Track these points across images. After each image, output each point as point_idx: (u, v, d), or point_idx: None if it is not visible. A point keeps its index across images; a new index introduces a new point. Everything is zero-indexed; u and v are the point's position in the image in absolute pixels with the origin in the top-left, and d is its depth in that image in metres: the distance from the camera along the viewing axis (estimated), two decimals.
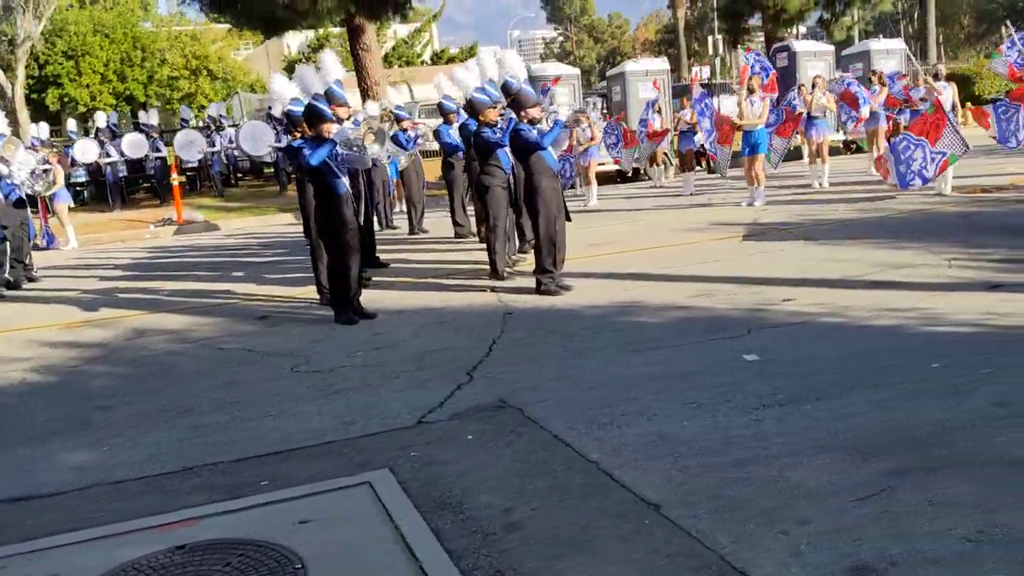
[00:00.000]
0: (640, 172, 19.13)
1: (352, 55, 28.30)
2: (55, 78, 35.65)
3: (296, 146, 7.19)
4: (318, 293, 8.17)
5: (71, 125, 26.45)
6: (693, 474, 3.84)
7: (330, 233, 7.24)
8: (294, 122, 8.12)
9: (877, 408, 4.42)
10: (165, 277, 10.90)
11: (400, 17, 27.73)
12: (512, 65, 8.31)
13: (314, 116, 7.13)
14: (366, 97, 23.80)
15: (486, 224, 8.60)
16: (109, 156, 23.61)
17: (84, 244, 17.45)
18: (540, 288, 7.74)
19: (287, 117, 8.49)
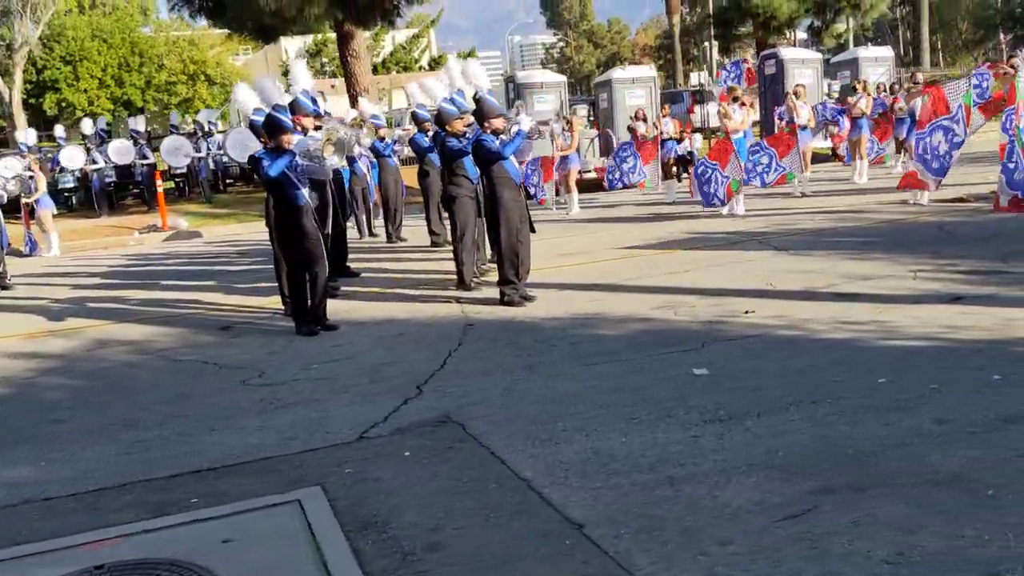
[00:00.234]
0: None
1: (341, 61, 28.34)
2: (53, 83, 35.69)
3: (257, 156, 7.16)
4: (283, 303, 8.14)
5: (59, 131, 26.43)
6: (623, 492, 3.81)
7: (290, 244, 7.20)
8: (258, 132, 8.10)
9: (816, 424, 4.39)
10: (137, 286, 10.87)
11: (388, 24, 27.77)
12: (475, 75, 8.28)
13: (273, 127, 7.10)
14: (355, 103, 23.81)
15: (453, 234, 8.57)
16: (95, 162, 23.59)
17: (68, 251, 17.41)
18: (503, 299, 7.70)
19: (251, 127, 8.47)
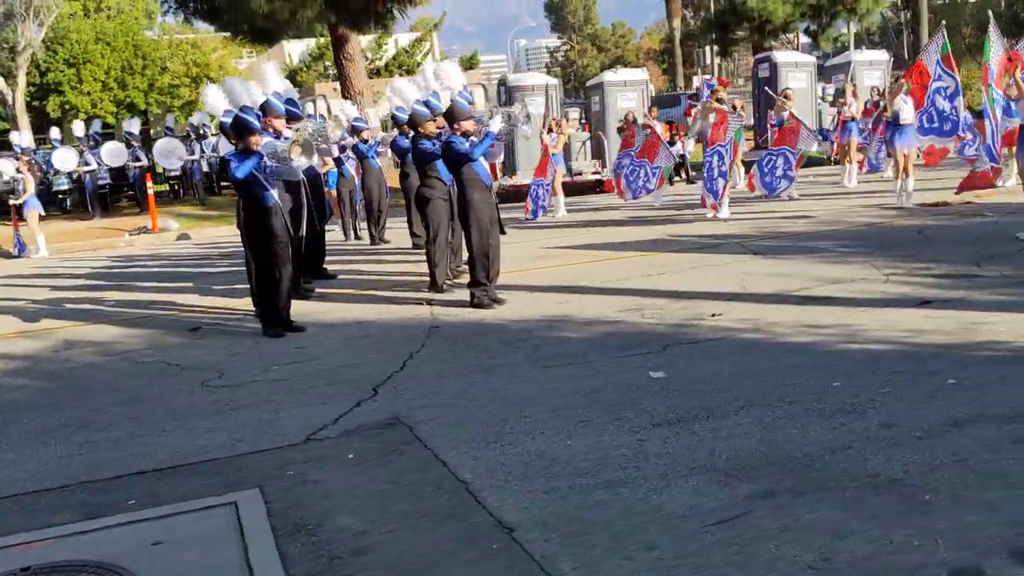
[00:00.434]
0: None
1: (336, 64, 28.33)
2: (56, 85, 35.68)
3: (226, 158, 7.14)
4: (253, 305, 8.11)
5: (54, 133, 26.44)
6: (560, 495, 3.77)
7: (259, 246, 7.18)
8: (227, 134, 8.07)
9: (764, 428, 4.35)
10: (115, 287, 10.84)
11: (382, 28, 27.78)
12: (448, 76, 8.26)
13: (240, 128, 7.07)
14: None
15: (426, 236, 8.54)
16: (88, 164, 23.60)
17: (56, 252, 17.41)
18: (473, 301, 7.67)
19: (222, 129, 8.45)
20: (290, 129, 8.35)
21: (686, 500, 3.64)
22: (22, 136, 24.94)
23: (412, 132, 8.71)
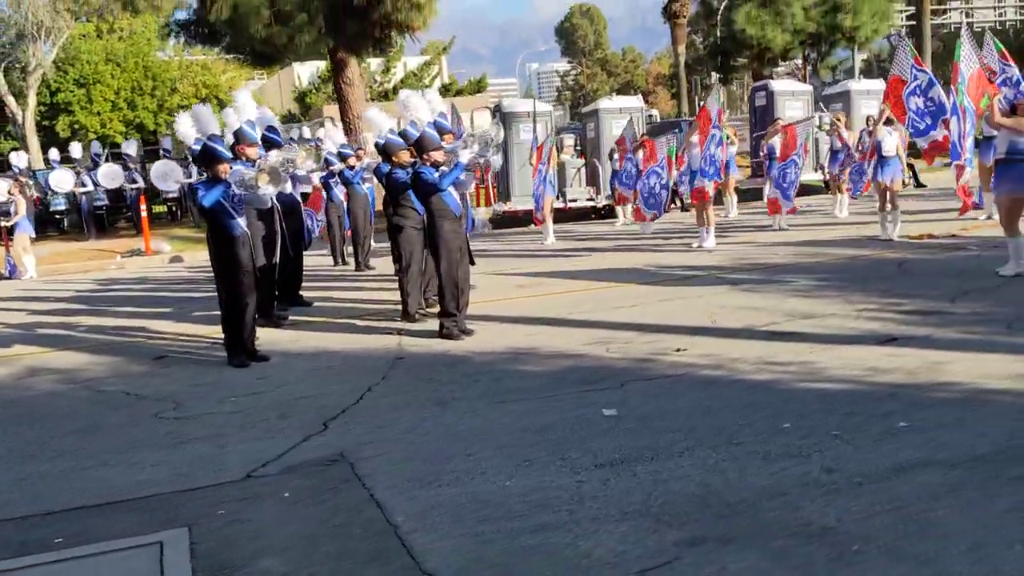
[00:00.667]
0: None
1: (335, 89, 28.45)
2: (66, 105, 35.90)
3: (194, 187, 7.13)
4: (223, 332, 8.05)
5: (53, 154, 26.55)
6: (486, 540, 3.71)
7: (225, 275, 7.15)
8: (196, 161, 8.08)
9: (706, 470, 4.29)
10: (93, 312, 10.82)
11: (380, 52, 27.94)
12: (414, 107, 8.27)
13: (208, 157, 7.07)
14: (348, 131, 23.86)
15: (399, 265, 8.52)
16: (85, 185, 23.69)
17: (47, 274, 17.44)
18: (442, 332, 7.63)
19: (193, 158, 8.45)
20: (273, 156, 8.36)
21: (614, 546, 3.57)
22: (20, 157, 25.05)
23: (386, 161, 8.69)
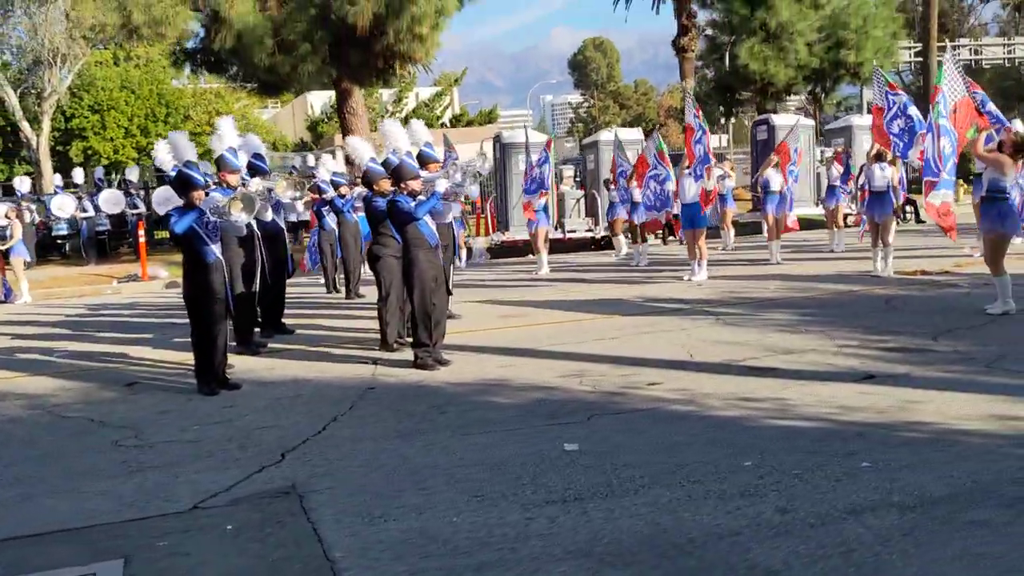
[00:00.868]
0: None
1: (339, 117, 28.61)
2: (80, 131, 36.15)
3: (168, 213, 7.11)
4: (194, 359, 7.99)
5: (56, 179, 26.69)
6: None
7: (196, 302, 7.09)
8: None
9: (657, 509, 4.19)
10: (75, 337, 10.77)
11: (383, 83, 28.11)
12: (393, 136, 8.25)
13: (183, 184, 7.05)
14: (350, 160, 23.94)
15: (378, 294, 8.45)
16: (86, 211, 23.79)
17: (41, 298, 17.41)
18: (416, 362, 7.55)
19: (169, 184, 8.42)
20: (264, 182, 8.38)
21: None
22: (23, 182, 25.20)
23: (367, 189, 8.67)
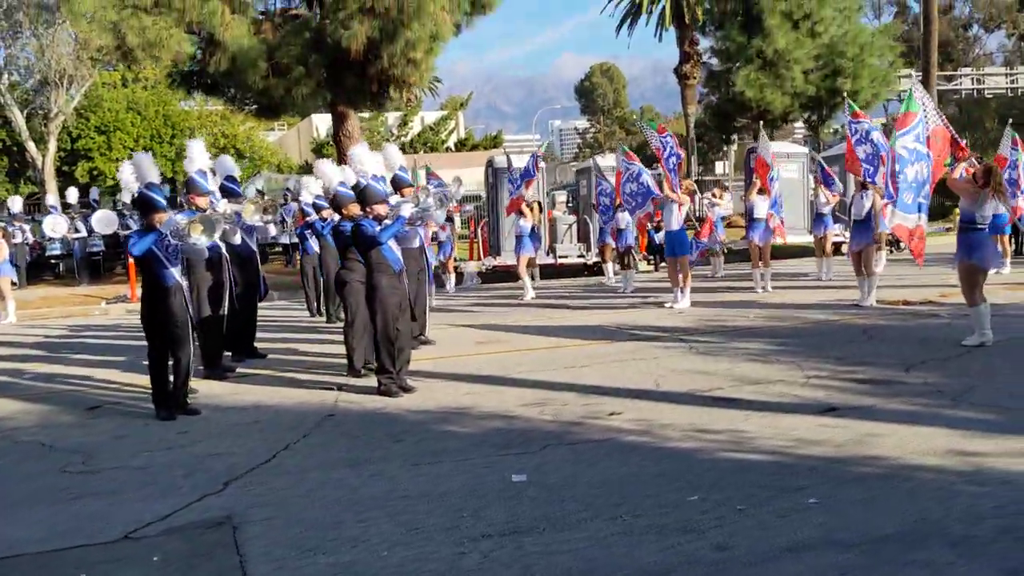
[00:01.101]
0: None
1: (335, 141, 28.63)
2: (86, 152, 36.26)
3: (128, 235, 7.06)
4: (151, 384, 7.90)
5: (50, 200, 26.74)
6: None
7: (154, 326, 7.02)
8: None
9: (595, 544, 4.09)
10: (49, 358, 10.69)
11: (378, 107, 28.20)
12: (360, 160, 8.20)
13: (143, 205, 7.01)
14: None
15: (344, 319, 8.38)
16: (78, 231, 23.80)
17: (28, 319, 17.34)
18: (380, 389, 7.47)
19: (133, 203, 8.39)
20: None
21: None
22: (15, 201, 25.24)
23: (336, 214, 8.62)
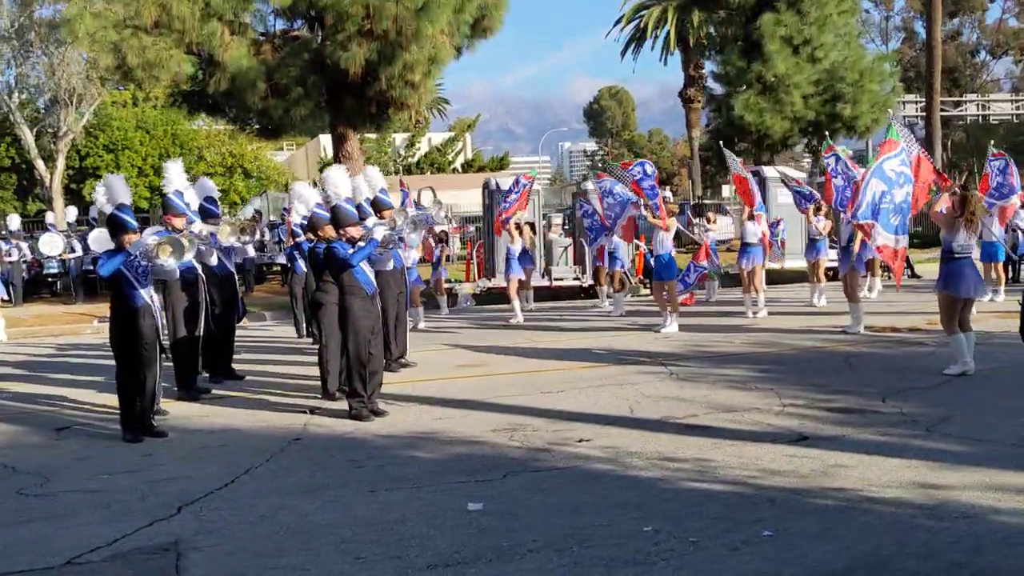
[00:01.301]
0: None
1: (335, 161, 28.69)
2: (94, 170, 36.44)
3: (98, 256, 7.04)
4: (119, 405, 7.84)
5: (49, 217, 26.80)
6: None
7: (122, 346, 6.99)
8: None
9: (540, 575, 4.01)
10: (26, 378, 10.65)
11: (376, 128, 28.30)
12: (334, 183, 8.17)
13: (114, 226, 6.99)
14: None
15: (319, 342, 8.33)
16: (74, 250, 23.83)
17: (18, 337, 17.33)
18: (351, 413, 7.40)
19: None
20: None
21: None
22: (12, 219, 25.31)
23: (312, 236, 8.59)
